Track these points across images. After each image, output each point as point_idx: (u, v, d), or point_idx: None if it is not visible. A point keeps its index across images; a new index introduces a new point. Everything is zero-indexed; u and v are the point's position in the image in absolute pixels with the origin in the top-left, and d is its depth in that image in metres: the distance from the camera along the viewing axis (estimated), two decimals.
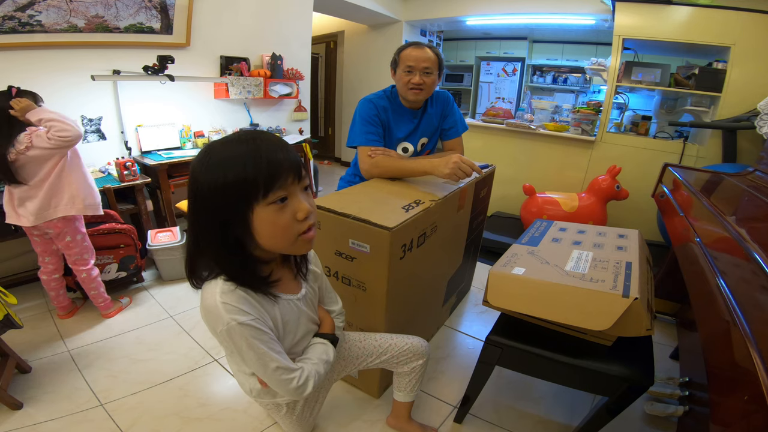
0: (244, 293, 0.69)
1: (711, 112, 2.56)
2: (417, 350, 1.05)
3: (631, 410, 0.98)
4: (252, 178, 0.62)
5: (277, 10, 3.02)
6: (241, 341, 0.68)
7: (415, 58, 1.38)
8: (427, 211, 1.16)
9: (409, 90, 1.42)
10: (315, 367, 0.81)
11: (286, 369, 0.74)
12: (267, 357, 0.71)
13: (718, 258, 0.84)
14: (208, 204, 0.64)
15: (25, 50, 1.91)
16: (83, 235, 1.65)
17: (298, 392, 0.77)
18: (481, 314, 1.91)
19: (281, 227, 0.66)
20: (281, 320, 0.77)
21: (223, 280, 0.68)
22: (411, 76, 1.40)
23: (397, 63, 1.44)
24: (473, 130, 3.34)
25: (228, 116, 2.90)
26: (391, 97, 1.50)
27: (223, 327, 0.67)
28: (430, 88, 1.44)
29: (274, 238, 0.67)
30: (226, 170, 0.62)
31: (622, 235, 1.26)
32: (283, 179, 0.64)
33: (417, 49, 1.40)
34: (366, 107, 1.44)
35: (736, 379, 0.57)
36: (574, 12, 3.51)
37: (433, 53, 1.41)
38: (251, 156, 0.63)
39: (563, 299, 0.92)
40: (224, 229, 0.65)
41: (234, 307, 0.67)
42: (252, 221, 0.65)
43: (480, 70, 5.55)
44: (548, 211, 2.59)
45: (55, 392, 1.35)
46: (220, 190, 0.62)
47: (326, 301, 0.98)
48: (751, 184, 1.35)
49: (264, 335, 0.70)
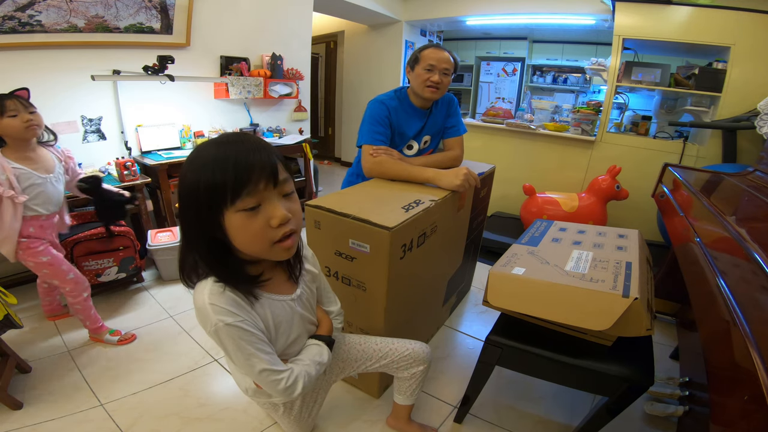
0: (233, 294, 0.69)
1: (711, 112, 2.56)
2: (418, 356, 1.04)
3: (631, 410, 0.98)
4: (220, 183, 0.60)
5: (277, 10, 3.02)
6: (228, 342, 0.69)
7: (437, 59, 1.43)
8: (427, 211, 1.16)
9: (427, 87, 1.45)
10: (305, 368, 0.80)
11: (274, 371, 0.74)
12: (254, 358, 0.71)
13: (718, 258, 0.84)
14: (187, 205, 0.65)
15: (25, 50, 1.91)
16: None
17: (286, 393, 0.76)
18: (481, 314, 1.91)
19: (252, 234, 0.64)
20: (273, 321, 0.76)
21: (212, 281, 0.69)
22: (431, 75, 1.43)
23: (418, 61, 1.46)
24: (473, 130, 3.34)
25: (228, 116, 2.90)
26: (401, 97, 1.53)
27: (212, 328, 0.67)
28: (444, 88, 1.49)
29: (248, 245, 0.67)
30: (199, 174, 0.62)
31: (622, 235, 1.26)
32: (252, 185, 0.62)
33: (438, 51, 1.45)
34: (376, 108, 1.46)
35: (736, 379, 0.57)
36: (574, 12, 3.51)
37: (451, 57, 1.47)
38: (220, 161, 0.61)
39: (563, 299, 0.92)
40: (204, 231, 0.65)
41: (221, 309, 0.67)
42: (225, 226, 0.64)
43: (480, 70, 5.55)
44: (548, 211, 2.59)
45: (55, 392, 1.35)
46: (194, 194, 0.63)
47: (324, 302, 0.98)
48: (751, 184, 1.35)
49: (252, 336, 0.70)
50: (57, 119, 2.06)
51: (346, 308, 1.23)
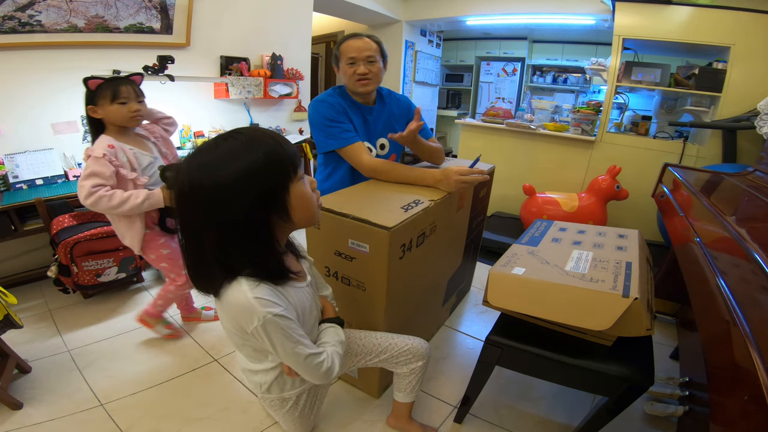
0: (270, 287, 0.70)
1: (711, 112, 2.56)
2: (417, 351, 1.05)
3: (631, 410, 0.98)
4: (287, 155, 0.67)
5: (277, 10, 3.02)
6: (277, 333, 0.70)
7: (356, 49, 1.34)
8: (426, 210, 1.16)
9: (357, 81, 1.36)
10: (335, 348, 0.85)
11: (316, 354, 0.78)
12: (300, 345, 0.74)
13: (718, 258, 0.84)
14: (235, 196, 0.63)
15: (25, 50, 1.91)
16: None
17: (328, 374, 0.80)
18: (481, 314, 1.91)
19: (309, 198, 0.72)
20: (300, 308, 0.79)
21: (245, 278, 0.68)
22: (355, 68, 1.35)
23: (339, 58, 1.39)
24: (473, 130, 3.35)
25: (228, 116, 2.90)
26: (343, 95, 1.43)
27: (259, 322, 0.68)
28: (376, 76, 1.39)
29: (306, 210, 0.72)
30: (255, 156, 0.64)
31: (622, 235, 1.26)
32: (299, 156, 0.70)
33: (357, 40, 1.36)
34: (321, 107, 1.37)
35: (736, 379, 0.57)
36: (574, 12, 3.51)
37: (373, 42, 1.37)
38: (276, 138, 0.67)
39: (563, 299, 0.92)
40: (255, 219, 0.66)
41: (267, 301, 0.68)
42: (288, 198, 0.68)
43: (480, 70, 5.55)
44: (548, 211, 2.59)
45: (55, 392, 1.35)
46: (255, 177, 0.64)
47: (319, 287, 1.03)
48: (751, 184, 1.35)
49: (294, 324, 0.73)
50: (57, 119, 2.07)
51: (346, 308, 1.23)
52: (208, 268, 0.69)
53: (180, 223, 0.67)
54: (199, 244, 0.67)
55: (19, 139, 1.97)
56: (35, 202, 1.78)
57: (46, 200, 1.80)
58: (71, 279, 1.76)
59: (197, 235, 0.67)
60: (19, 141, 1.96)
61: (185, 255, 0.70)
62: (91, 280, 1.80)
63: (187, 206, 0.65)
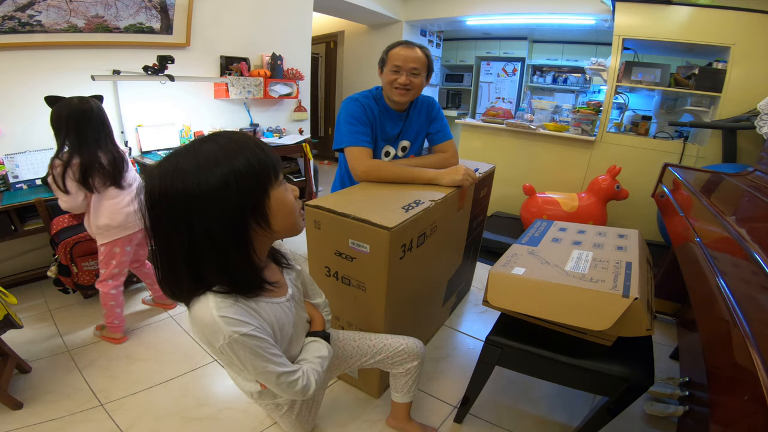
0: (240, 304, 0.66)
1: (711, 112, 2.56)
2: (412, 351, 1.05)
3: (631, 410, 0.98)
4: (266, 160, 0.64)
5: (277, 10, 3.02)
6: (244, 352, 0.66)
7: (403, 58, 1.33)
8: (426, 211, 1.16)
9: (395, 89, 1.37)
10: (312, 365, 0.82)
11: (290, 372, 0.75)
12: (271, 364, 0.71)
13: (718, 258, 0.84)
14: (213, 203, 0.59)
15: (25, 50, 1.91)
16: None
17: (303, 392, 0.77)
18: (481, 314, 1.91)
19: (291, 205, 0.69)
20: (277, 325, 0.76)
21: (213, 294, 0.64)
22: (397, 76, 1.34)
23: (385, 62, 1.39)
24: (473, 130, 3.35)
25: (228, 116, 2.89)
26: (377, 98, 1.44)
27: (224, 341, 0.64)
28: (417, 89, 1.39)
29: (287, 217, 0.69)
30: (236, 161, 0.60)
31: (622, 235, 1.26)
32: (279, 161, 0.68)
33: (406, 48, 1.34)
34: (352, 106, 1.38)
35: (736, 379, 0.57)
36: (574, 12, 3.51)
37: (422, 53, 1.36)
38: (256, 142, 0.65)
39: (563, 299, 0.92)
40: (232, 227, 0.62)
41: (234, 320, 0.64)
42: (269, 203, 0.65)
43: (480, 70, 5.55)
44: (548, 211, 2.59)
45: (55, 392, 1.35)
46: (236, 182, 0.59)
47: (311, 295, 1.00)
48: (751, 184, 1.35)
49: (265, 343, 0.69)
50: None
51: (345, 308, 1.23)
52: (178, 276, 0.65)
53: (151, 229, 0.62)
54: (170, 252, 0.64)
55: (18, 139, 1.97)
56: (35, 202, 1.78)
57: (46, 200, 1.80)
58: (71, 279, 1.76)
59: (168, 241, 0.63)
60: (18, 141, 1.96)
61: (155, 261, 0.66)
62: (91, 280, 1.80)
63: (158, 211, 0.60)
